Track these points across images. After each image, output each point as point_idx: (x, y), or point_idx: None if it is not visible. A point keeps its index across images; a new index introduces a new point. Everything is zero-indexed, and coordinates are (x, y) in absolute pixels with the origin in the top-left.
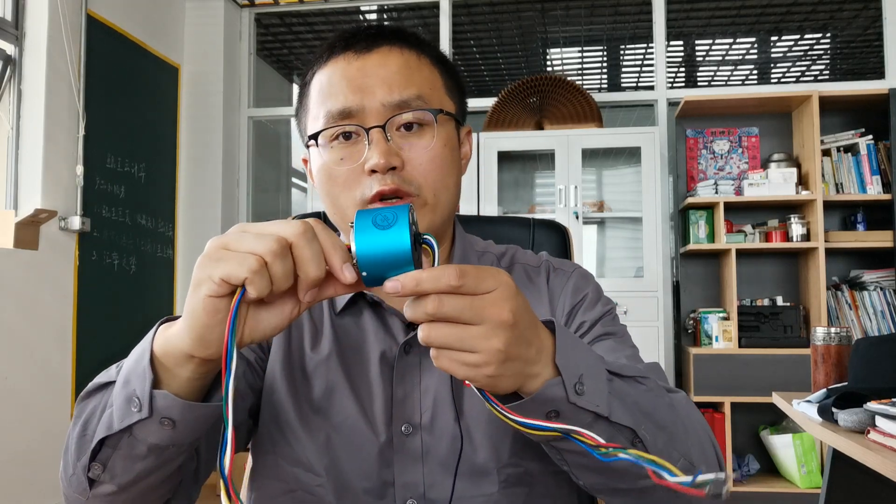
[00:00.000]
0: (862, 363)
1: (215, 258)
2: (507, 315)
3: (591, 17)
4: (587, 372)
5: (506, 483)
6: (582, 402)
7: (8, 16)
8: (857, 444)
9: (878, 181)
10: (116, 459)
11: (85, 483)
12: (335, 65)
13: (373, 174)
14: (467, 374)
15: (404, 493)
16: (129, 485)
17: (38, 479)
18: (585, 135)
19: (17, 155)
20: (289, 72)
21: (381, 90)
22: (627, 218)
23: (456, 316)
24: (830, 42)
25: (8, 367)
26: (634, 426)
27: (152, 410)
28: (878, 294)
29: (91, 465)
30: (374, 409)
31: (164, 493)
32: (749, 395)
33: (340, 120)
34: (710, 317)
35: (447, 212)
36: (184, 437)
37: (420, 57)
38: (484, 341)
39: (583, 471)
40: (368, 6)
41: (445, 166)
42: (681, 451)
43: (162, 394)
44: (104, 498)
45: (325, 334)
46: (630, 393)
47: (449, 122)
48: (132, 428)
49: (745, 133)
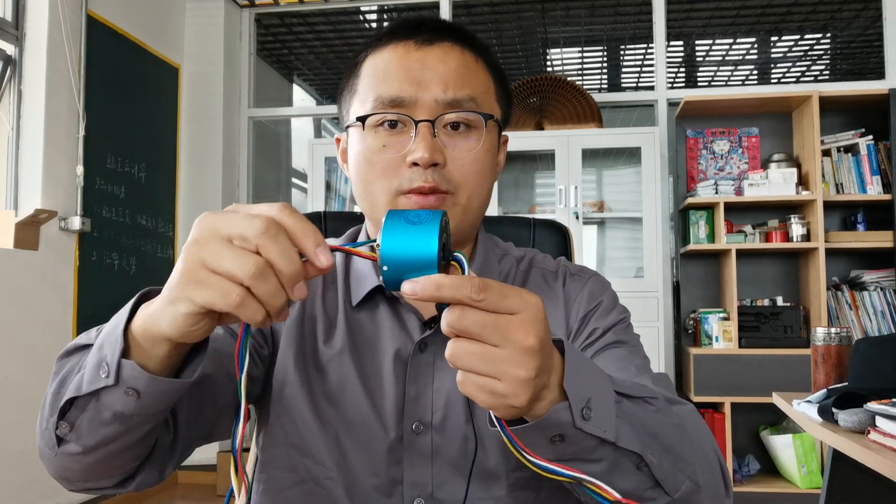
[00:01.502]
0: (862, 363)
1: (195, 279)
2: (534, 341)
3: (591, 17)
4: (595, 395)
5: (514, 486)
6: (588, 428)
7: (8, 16)
8: (857, 444)
9: (878, 181)
10: (83, 421)
11: (54, 440)
12: (394, 51)
13: (413, 167)
14: (493, 404)
15: (412, 492)
16: (93, 447)
17: (38, 479)
18: (585, 135)
19: (17, 155)
20: (289, 72)
21: (436, 86)
22: (627, 218)
23: (478, 333)
24: (830, 42)
25: (8, 367)
26: (641, 451)
27: (118, 379)
28: (878, 294)
29: (59, 423)
30: (385, 406)
31: (129, 459)
32: (749, 396)
33: (391, 107)
34: (710, 317)
35: (477, 216)
36: (148, 408)
37: (478, 60)
38: (510, 367)
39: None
40: (368, 6)
41: (485, 171)
42: (686, 473)
43: (129, 364)
44: (70, 457)
45: (340, 328)
46: (638, 415)
47: (494, 129)
48: (99, 393)
49: (746, 133)
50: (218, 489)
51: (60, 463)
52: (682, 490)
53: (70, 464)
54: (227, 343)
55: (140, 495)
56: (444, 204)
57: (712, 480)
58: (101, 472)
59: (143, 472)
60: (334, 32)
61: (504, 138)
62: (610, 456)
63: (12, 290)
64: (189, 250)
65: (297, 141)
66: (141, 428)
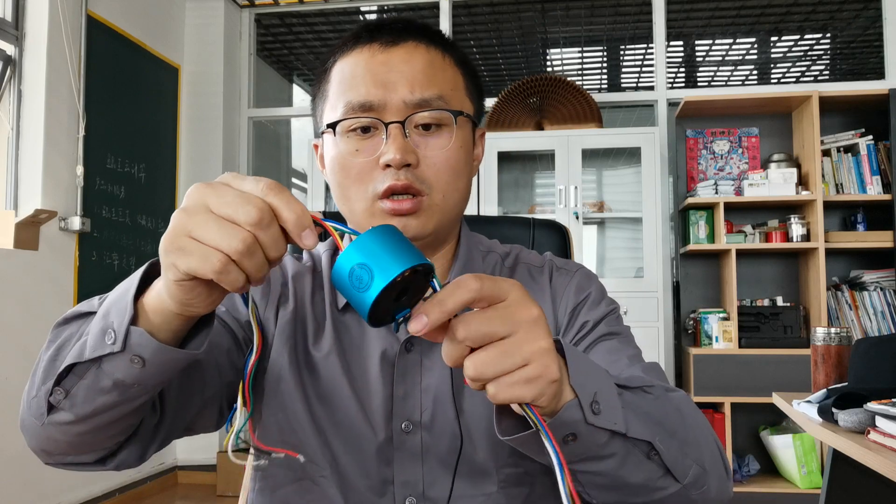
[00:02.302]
0: (862, 363)
1: (178, 246)
2: (537, 311)
3: (591, 17)
4: (600, 389)
5: (505, 483)
6: (600, 422)
7: (8, 16)
8: (857, 444)
9: (878, 181)
10: (80, 388)
11: (44, 408)
12: (359, 55)
13: (387, 169)
14: (537, 391)
15: (403, 491)
16: (86, 416)
17: (38, 479)
18: (585, 135)
19: (17, 155)
20: (289, 72)
21: (403, 87)
22: (627, 218)
23: (487, 331)
24: (830, 42)
25: (8, 367)
26: (651, 438)
27: (125, 346)
28: (878, 294)
29: (54, 390)
30: (374, 407)
31: (115, 434)
32: (749, 396)
33: (360, 112)
34: (710, 317)
35: (455, 213)
36: (151, 378)
37: (444, 56)
38: (530, 346)
39: (598, 489)
40: (368, 6)
41: (458, 168)
42: (693, 457)
43: (138, 331)
44: (59, 426)
45: (327, 330)
46: (640, 404)
47: (467, 125)
48: (102, 360)
49: (745, 133)
50: (218, 489)
51: (46, 433)
52: (691, 475)
53: (56, 434)
54: (221, 335)
55: (140, 495)
56: (420, 205)
57: (715, 464)
58: (85, 445)
59: (125, 451)
60: (334, 32)
61: (480, 131)
62: (621, 449)
63: (12, 290)
64: (177, 217)
65: (297, 141)
66: (137, 399)
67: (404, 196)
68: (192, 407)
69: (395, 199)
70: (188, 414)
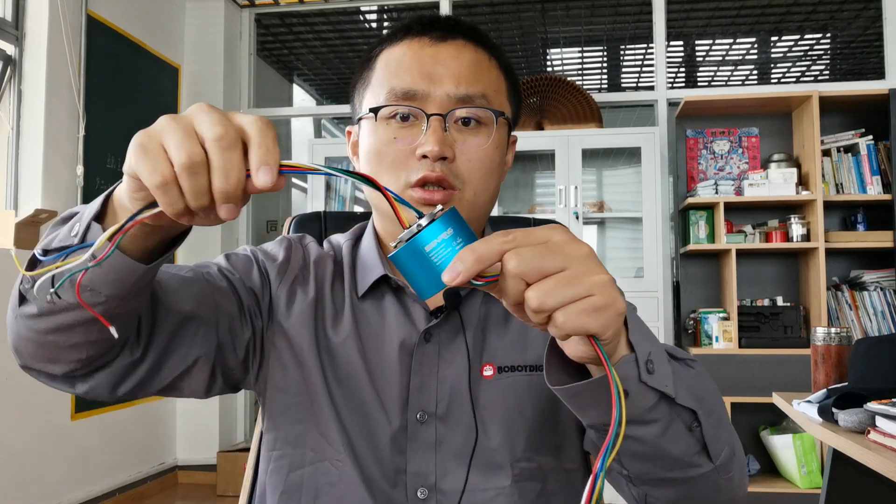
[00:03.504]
0: (862, 363)
1: (142, 145)
2: (586, 247)
3: (591, 17)
4: (654, 350)
5: (519, 477)
6: (652, 382)
7: (8, 16)
8: (857, 444)
9: (878, 181)
10: (45, 281)
11: (17, 298)
12: (408, 45)
13: (423, 159)
14: (604, 322)
15: (415, 482)
16: (45, 312)
17: (38, 479)
18: (585, 135)
19: (17, 155)
20: (289, 72)
21: (449, 81)
22: (627, 218)
23: (540, 265)
24: (830, 42)
25: (8, 367)
26: (695, 408)
27: (84, 240)
28: (878, 294)
29: (23, 278)
30: (389, 396)
31: (79, 344)
32: (749, 396)
33: (403, 100)
34: (710, 317)
35: (483, 213)
36: (101, 282)
37: (490, 59)
38: (590, 277)
39: (632, 458)
40: (368, 6)
41: (492, 168)
42: (725, 439)
43: (98, 227)
44: (26, 320)
45: (346, 317)
46: (685, 376)
47: (504, 128)
48: (65, 253)
49: (745, 133)
50: (218, 489)
51: (17, 329)
52: (723, 456)
53: (23, 329)
54: (228, 300)
55: (140, 495)
56: (451, 199)
57: (740, 452)
58: (48, 349)
59: (95, 378)
60: (334, 32)
61: (513, 138)
62: (665, 416)
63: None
64: (164, 119)
65: (297, 141)
66: (94, 307)
67: (436, 187)
68: (177, 359)
69: (427, 189)
70: (173, 366)
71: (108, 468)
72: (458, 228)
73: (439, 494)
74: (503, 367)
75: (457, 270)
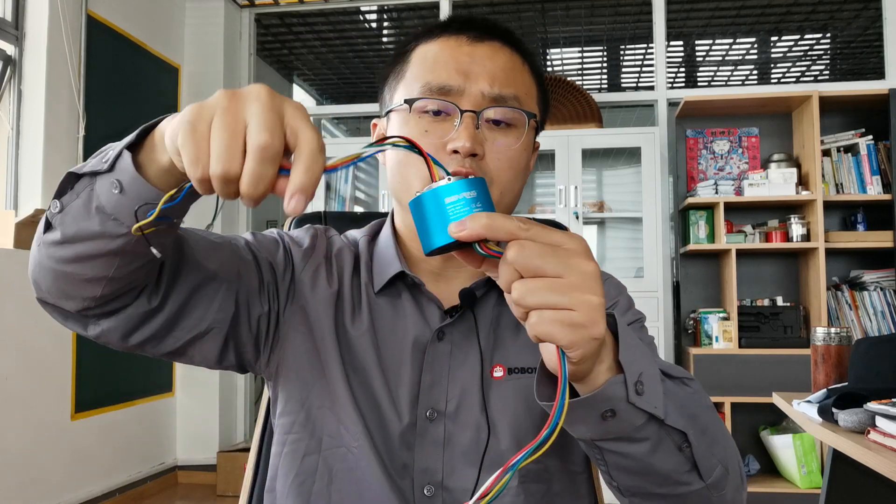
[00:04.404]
0: (862, 363)
1: (193, 124)
2: (594, 266)
3: (591, 17)
4: (645, 371)
5: (525, 478)
6: (641, 403)
7: (8, 16)
8: (857, 444)
9: (878, 181)
10: (72, 207)
11: (44, 227)
12: (446, 42)
13: (453, 154)
14: (574, 338)
15: (423, 479)
16: (69, 239)
17: (38, 479)
18: (585, 135)
19: (17, 155)
20: (289, 72)
21: (483, 80)
22: (627, 218)
23: (539, 265)
24: (830, 42)
25: (8, 367)
26: (685, 429)
27: (113, 167)
28: (878, 294)
29: (52, 202)
30: (400, 392)
31: (97, 278)
32: (749, 396)
33: (438, 95)
34: (710, 317)
35: (506, 211)
36: (124, 212)
37: (524, 63)
38: (581, 294)
39: (622, 472)
40: (368, 6)
41: (519, 169)
42: (718, 458)
43: (127, 156)
44: (49, 247)
45: (364, 312)
46: (679, 395)
47: (532, 132)
48: (96, 179)
49: (745, 133)
50: (218, 489)
51: (39, 257)
52: (715, 475)
53: (45, 259)
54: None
55: (140, 495)
56: None
57: (735, 470)
58: (65, 284)
59: (109, 321)
60: (334, 32)
61: (537, 144)
62: (655, 435)
63: (12, 290)
64: (221, 96)
65: None
66: (111, 240)
67: None
68: (193, 320)
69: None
70: (188, 326)
71: (107, 468)
72: (481, 195)
73: (445, 492)
74: (513, 368)
75: (465, 225)
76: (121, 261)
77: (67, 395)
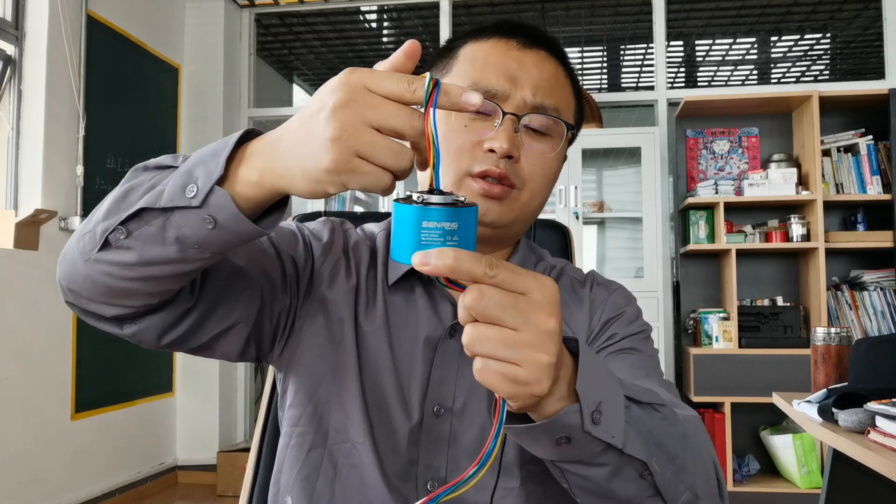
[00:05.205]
0: (862, 363)
1: (351, 168)
2: (555, 323)
3: (591, 17)
4: (606, 399)
5: (525, 479)
6: (597, 433)
7: (8, 16)
8: (857, 444)
9: (878, 181)
10: (143, 233)
11: (97, 243)
12: (495, 45)
13: (489, 153)
14: (514, 393)
15: (426, 475)
16: (136, 263)
17: (38, 478)
18: (585, 135)
19: (17, 155)
20: (289, 72)
21: (528, 87)
22: (627, 218)
23: (497, 315)
24: (830, 42)
25: (8, 367)
26: (647, 459)
27: (204, 203)
28: (878, 294)
29: (116, 228)
30: (410, 388)
31: (151, 293)
32: (749, 396)
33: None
34: (710, 317)
35: (530, 217)
36: (214, 243)
37: (567, 76)
38: (532, 352)
39: (583, 492)
40: (368, 6)
41: (550, 177)
42: (687, 484)
43: (223, 193)
44: (106, 264)
45: (378, 306)
46: (645, 421)
47: (566, 143)
48: (174, 211)
49: (745, 133)
50: (218, 489)
51: (86, 270)
52: (681, 501)
53: (97, 273)
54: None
55: (140, 495)
56: (509, 195)
57: (709, 491)
58: (117, 294)
59: (145, 321)
60: (334, 32)
61: (566, 156)
62: (615, 461)
63: (12, 290)
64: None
65: None
66: (189, 263)
67: (496, 182)
68: (221, 316)
69: (488, 181)
70: (216, 322)
71: (107, 468)
72: (463, 227)
73: None
74: None
75: (429, 260)
76: (190, 275)
77: (67, 395)
